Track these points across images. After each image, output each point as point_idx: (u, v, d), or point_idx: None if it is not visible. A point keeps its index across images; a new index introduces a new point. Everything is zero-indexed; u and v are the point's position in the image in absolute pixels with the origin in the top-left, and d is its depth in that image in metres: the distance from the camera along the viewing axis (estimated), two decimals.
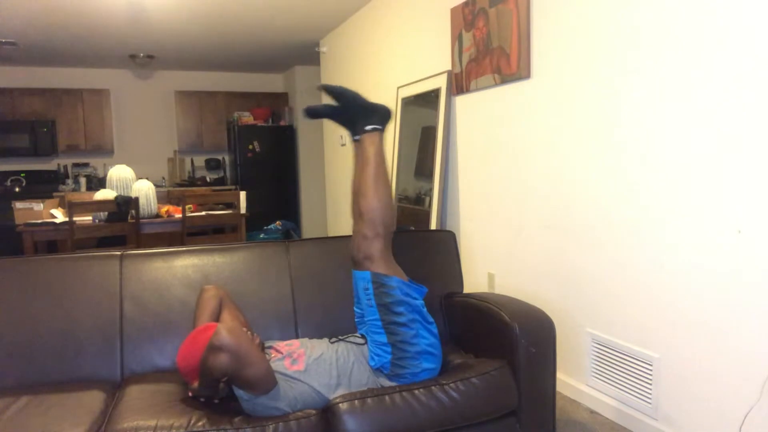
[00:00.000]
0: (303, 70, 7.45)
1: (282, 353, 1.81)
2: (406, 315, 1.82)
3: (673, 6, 2.02)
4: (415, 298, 1.87)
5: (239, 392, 1.63)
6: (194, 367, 1.70)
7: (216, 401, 1.72)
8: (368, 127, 1.92)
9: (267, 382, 1.62)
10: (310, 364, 1.77)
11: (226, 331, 1.56)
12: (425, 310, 1.89)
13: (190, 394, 1.72)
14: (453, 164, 3.52)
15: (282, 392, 1.66)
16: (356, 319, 2.03)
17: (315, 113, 1.96)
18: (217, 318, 1.95)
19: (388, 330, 1.81)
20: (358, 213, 1.87)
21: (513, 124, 2.94)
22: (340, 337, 1.94)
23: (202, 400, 1.71)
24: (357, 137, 1.96)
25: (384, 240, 1.85)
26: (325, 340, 1.94)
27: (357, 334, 1.97)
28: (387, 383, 1.81)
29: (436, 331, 1.90)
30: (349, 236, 2.37)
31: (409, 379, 1.81)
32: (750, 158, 1.80)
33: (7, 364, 1.89)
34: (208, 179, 7.69)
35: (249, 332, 1.80)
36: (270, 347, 1.86)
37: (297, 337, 2.14)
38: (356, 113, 1.94)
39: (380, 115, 1.95)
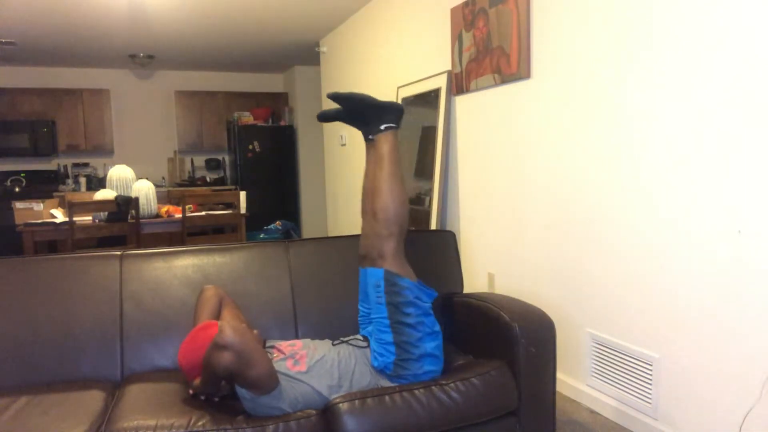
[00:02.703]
0: (303, 70, 7.45)
1: (284, 354, 1.81)
2: (414, 317, 1.82)
3: (673, 6, 2.02)
4: (425, 302, 1.87)
5: (241, 391, 1.63)
6: (195, 365, 1.70)
7: (216, 399, 1.72)
8: (382, 126, 1.93)
9: (270, 382, 1.62)
10: (312, 366, 1.77)
11: (231, 329, 1.56)
12: (432, 314, 1.89)
13: (190, 391, 1.72)
14: (453, 164, 3.52)
15: (284, 392, 1.66)
16: (360, 318, 2.03)
17: (326, 117, 1.98)
18: (217, 317, 1.95)
19: (395, 330, 1.81)
20: (371, 212, 1.87)
21: (513, 124, 2.94)
22: (342, 339, 1.94)
23: (202, 398, 1.71)
24: (371, 137, 1.96)
25: (398, 239, 1.85)
26: (327, 341, 1.94)
27: (359, 336, 1.97)
28: (388, 384, 1.81)
29: (440, 335, 1.90)
30: (349, 236, 2.37)
31: (410, 380, 1.81)
32: (750, 158, 1.80)
33: (7, 364, 1.90)
34: (208, 179, 7.69)
35: (251, 330, 1.80)
36: (272, 347, 1.86)
37: (297, 337, 2.14)
38: (368, 114, 1.94)
39: (393, 113, 1.95)
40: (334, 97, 1.91)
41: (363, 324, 2.01)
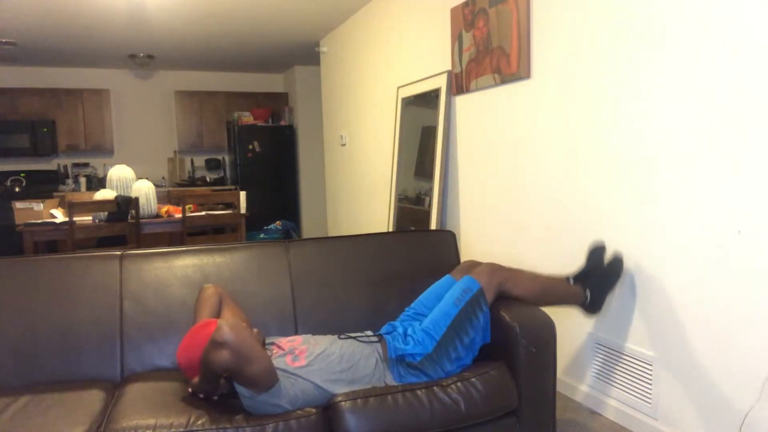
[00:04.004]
0: (303, 70, 7.46)
1: (284, 349, 1.81)
2: (468, 338, 1.91)
3: (674, 5, 2.02)
4: (481, 340, 1.95)
5: (240, 389, 1.63)
6: (194, 363, 1.70)
7: (215, 398, 1.72)
8: (586, 292, 2.17)
9: (268, 380, 1.62)
10: (312, 360, 1.76)
11: (229, 327, 1.56)
12: (476, 352, 1.97)
13: (189, 390, 1.72)
14: (453, 164, 3.52)
15: (283, 389, 1.66)
16: (410, 310, 2.11)
17: (596, 255, 2.27)
18: (217, 316, 1.95)
19: (449, 334, 1.88)
20: (509, 269, 2.06)
21: (513, 124, 2.94)
22: (350, 335, 1.94)
23: (201, 396, 1.71)
24: (572, 281, 2.19)
25: (499, 289, 2.01)
26: (331, 336, 1.94)
27: (369, 332, 1.98)
28: (392, 382, 1.82)
29: (464, 367, 1.96)
30: (349, 236, 2.38)
31: (419, 378, 1.83)
32: (750, 158, 1.80)
33: (7, 363, 1.90)
34: (208, 179, 7.69)
35: (250, 328, 1.80)
36: (272, 343, 1.86)
37: None
38: (602, 286, 2.19)
39: (597, 304, 2.20)
40: (620, 262, 2.23)
41: (407, 316, 2.09)
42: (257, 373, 1.59)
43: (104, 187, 5.34)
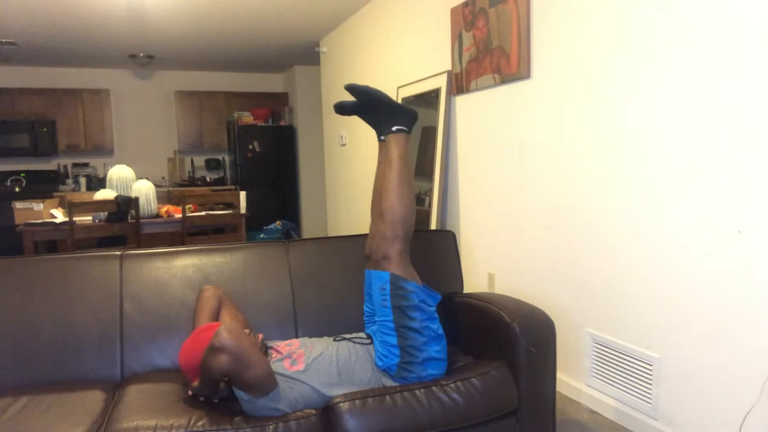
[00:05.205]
0: (303, 70, 7.45)
1: (282, 354, 1.81)
2: (419, 321, 1.81)
3: (674, 5, 2.02)
4: (430, 305, 1.86)
5: (239, 393, 1.63)
6: (195, 366, 1.70)
7: (215, 401, 1.72)
8: (394, 128, 1.93)
9: (267, 384, 1.62)
10: (309, 364, 1.76)
11: (227, 332, 1.56)
12: (437, 317, 1.88)
13: (189, 392, 1.72)
14: (453, 164, 3.52)
15: (282, 393, 1.66)
16: (365, 317, 2.03)
17: (342, 108, 1.97)
18: (216, 317, 1.95)
19: (400, 333, 1.81)
20: (378, 213, 1.88)
21: (513, 124, 2.94)
22: (345, 336, 1.93)
23: (201, 399, 1.71)
24: (383, 138, 1.97)
25: (403, 242, 1.85)
26: (327, 338, 1.94)
27: (363, 334, 1.97)
28: (390, 383, 1.81)
29: (444, 338, 1.90)
30: (349, 236, 2.38)
31: (413, 381, 1.81)
32: (750, 158, 1.80)
33: (7, 363, 1.89)
34: (208, 179, 7.69)
35: (250, 332, 1.80)
36: (270, 347, 1.86)
37: (296, 337, 2.14)
38: (382, 113, 1.95)
39: (406, 116, 1.96)
40: (351, 88, 1.91)
41: (368, 323, 2.01)
42: (256, 378, 1.59)
43: (104, 187, 5.34)
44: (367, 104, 1.94)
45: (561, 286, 2.67)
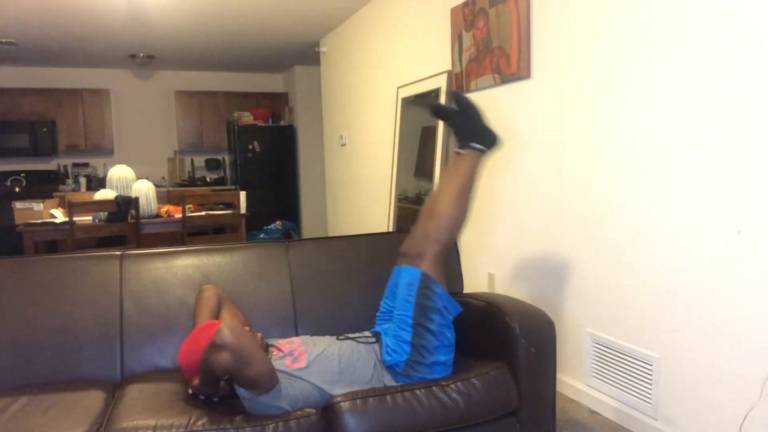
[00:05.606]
0: (303, 70, 7.45)
1: (283, 351, 1.81)
2: (437, 324, 1.85)
3: (674, 5, 2.02)
4: (450, 314, 1.90)
5: (240, 391, 1.63)
6: (195, 365, 1.70)
7: (216, 399, 1.72)
8: (475, 145, 1.98)
9: (268, 381, 1.62)
10: (311, 361, 1.77)
11: (228, 329, 1.56)
12: (452, 328, 1.91)
13: (190, 391, 1.72)
14: None
15: (283, 391, 1.66)
16: (379, 313, 2.04)
17: (440, 110, 2.09)
18: (217, 317, 1.96)
19: (416, 331, 1.83)
20: (430, 213, 1.92)
21: (513, 124, 2.94)
22: (348, 336, 1.94)
23: (201, 397, 1.71)
24: (461, 150, 2.01)
25: (442, 247, 1.88)
26: (329, 337, 1.94)
27: (367, 333, 1.97)
28: (392, 382, 1.82)
29: (454, 349, 1.92)
30: (349, 236, 2.38)
31: (416, 381, 1.82)
32: (750, 158, 1.80)
33: (7, 364, 1.89)
34: (208, 179, 7.69)
35: (250, 331, 1.80)
36: (272, 345, 1.87)
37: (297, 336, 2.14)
38: (473, 129, 2.01)
39: (491, 140, 2.02)
40: (458, 96, 2.03)
41: (381, 320, 2.02)
42: (257, 375, 1.59)
43: (104, 187, 5.34)
44: (465, 116, 2.01)
45: (561, 286, 2.67)
